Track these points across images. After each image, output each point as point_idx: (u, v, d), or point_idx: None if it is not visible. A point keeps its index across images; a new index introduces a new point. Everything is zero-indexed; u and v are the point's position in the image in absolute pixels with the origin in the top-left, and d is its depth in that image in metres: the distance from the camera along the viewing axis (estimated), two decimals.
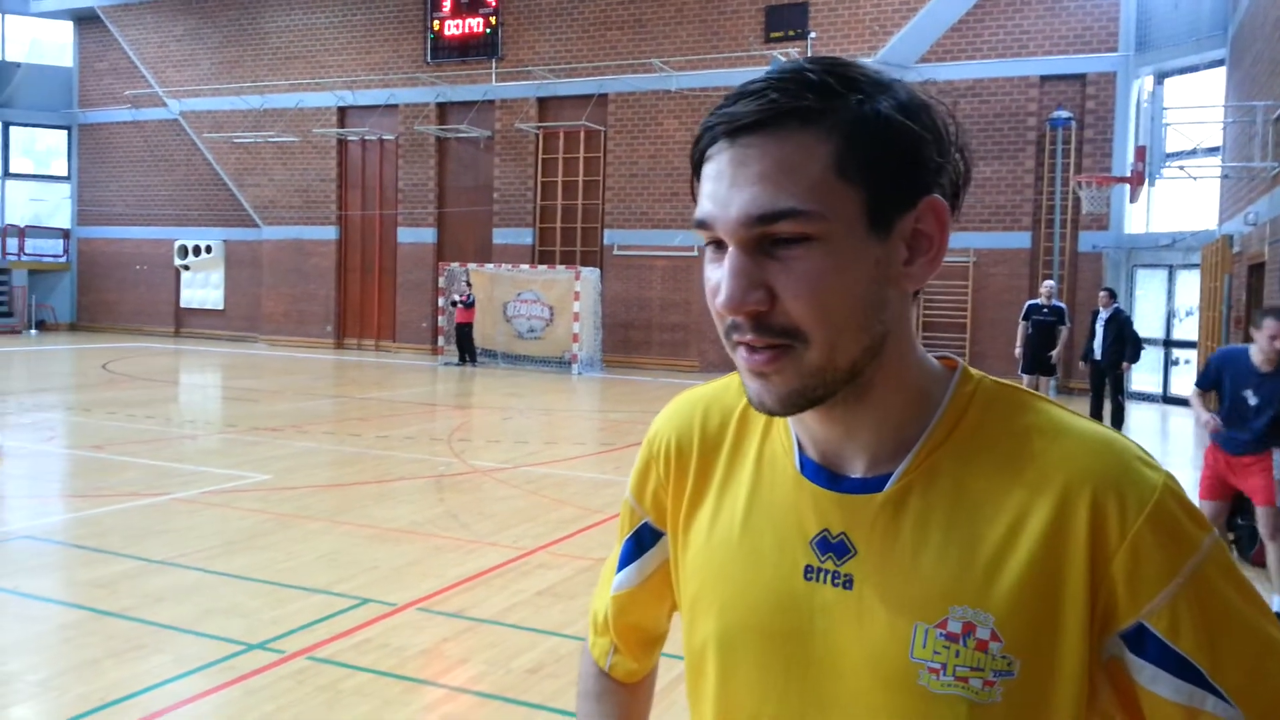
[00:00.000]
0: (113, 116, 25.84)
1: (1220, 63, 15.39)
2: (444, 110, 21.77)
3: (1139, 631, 0.79)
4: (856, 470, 0.87)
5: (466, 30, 21.32)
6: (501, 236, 21.26)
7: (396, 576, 5.44)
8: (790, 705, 0.87)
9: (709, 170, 0.81)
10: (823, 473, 0.88)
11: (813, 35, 18.24)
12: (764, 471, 0.93)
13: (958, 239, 17.66)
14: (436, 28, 21.59)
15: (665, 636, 1.15)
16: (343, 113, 22.84)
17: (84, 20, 26.04)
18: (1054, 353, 11.80)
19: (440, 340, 20.29)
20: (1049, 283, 12.44)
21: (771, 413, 0.82)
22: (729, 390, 1.01)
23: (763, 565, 0.90)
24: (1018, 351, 12.06)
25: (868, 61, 0.83)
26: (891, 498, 0.84)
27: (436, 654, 4.36)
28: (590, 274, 18.91)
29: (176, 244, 24.87)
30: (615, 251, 20.11)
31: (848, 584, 0.85)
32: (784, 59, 12.96)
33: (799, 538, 0.88)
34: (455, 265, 19.92)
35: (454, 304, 19.04)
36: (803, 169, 0.77)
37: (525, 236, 21.08)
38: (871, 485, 0.85)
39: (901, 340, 0.84)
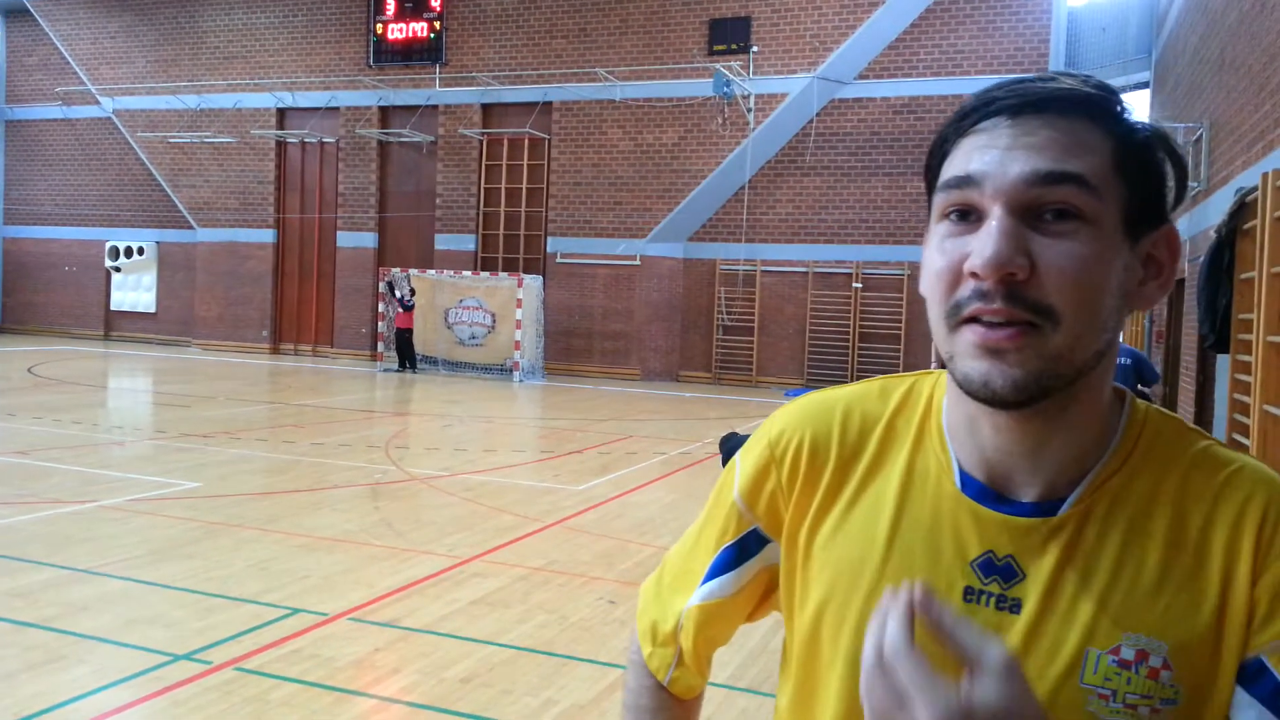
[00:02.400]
0: (42, 113, 25.13)
1: (1145, 85, 15.96)
2: (386, 114, 21.59)
3: (1258, 668, 0.78)
4: (1027, 494, 0.84)
5: (410, 34, 21.17)
6: (444, 242, 21.12)
7: (328, 586, 5.38)
8: None
9: (975, 141, 0.79)
10: (988, 493, 0.85)
11: (755, 49, 18.48)
12: (914, 487, 0.88)
13: (891, 253, 18.01)
14: (380, 31, 21.41)
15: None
16: (282, 114, 22.52)
17: (12, 13, 25.30)
18: None
19: (380, 346, 20.09)
20: None
21: (997, 397, 0.77)
22: (869, 397, 0.95)
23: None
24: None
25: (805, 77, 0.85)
26: (1067, 522, 0.82)
27: (368, 664, 4.33)
28: (533, 281, 18.89)
29: (107, 245, 24.26)
30: (558, 259, 20.11)
31: (1014, 608, 0.82)
32: (727, 72, 13.01)
33: (957, 558, 0.84)
34: (396, 271, 19.74)
35: (391, 290, 18.86)
36: (1087, 149, 0.77)
37: (468, 243, 20.97)
38: (1044, 510, 0.83)
39: (1112, 359, 0.83)
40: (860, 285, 18.36)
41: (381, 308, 19.83)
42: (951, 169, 0.80)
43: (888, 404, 0.94)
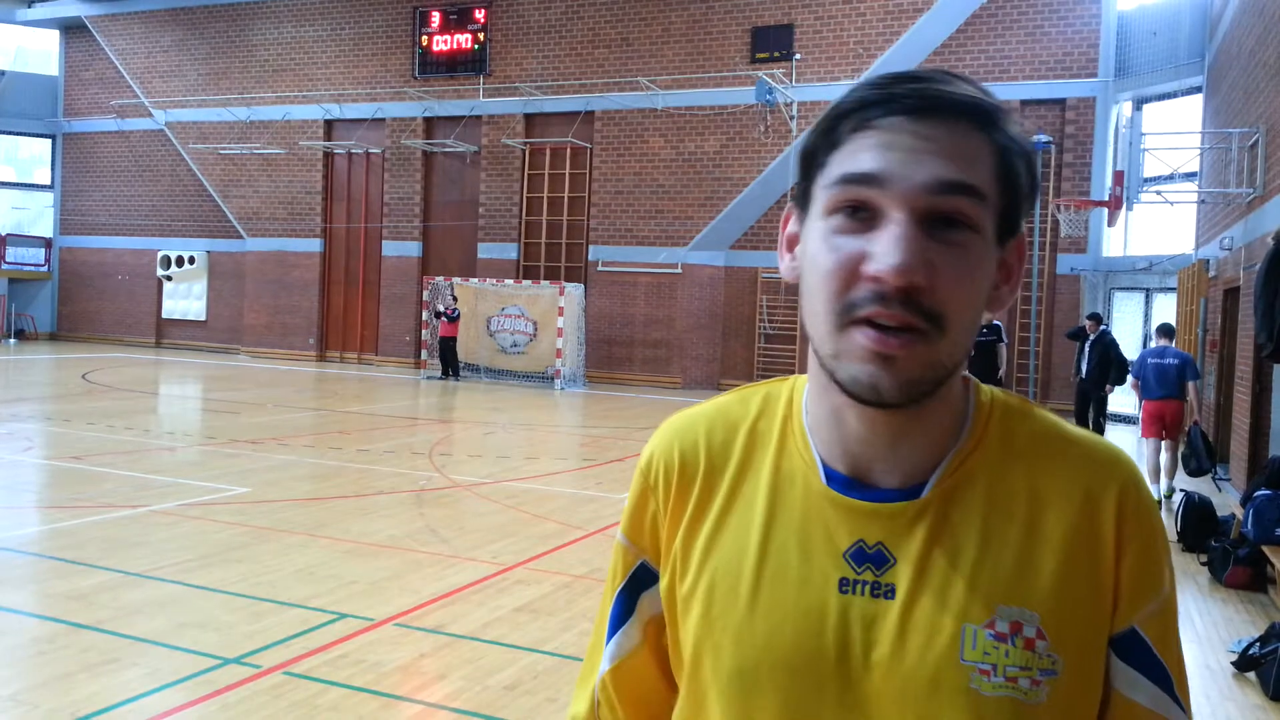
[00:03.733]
0: (98, 126, 25.77)
1: (1198, 89, 15.64)
2: (431, 125, 21.83)
3: (1130, 636, 0.84)
4: (889, 482, 0.85)
5: (455, 46, 21.41)
6: (486, 251, 21.28)
7: (374, 591, 5.43)
8: None
9: (874, 138, 0.79)
10: (852, 484, 0.86)
11: (798, 57, 18.41)
12: (782, 489, 0.89)
13: None
14: (425, 43, 21.68)
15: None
16: (329, 125, 22.86)
17: (71, 29, 25.99)
18: (1000, 374, 12.11)
19: (423, 354, 20.28)
20: None
21: (883, 400, 0.79)
22: (730, 406, 0.96)
23: (788, 584, 0.85)
24: None
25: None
26: (930, 504, 0.84)
27: (414, 670, 4.36)
28: (574, 290, 18.96)
29: (159, 254, 24.78)
30: (599, 268, 20.17)
31: (889, 593, 0.83)
32: (769, 80, 12.97)
33: (829, 552, 0.85)
34: (440, 279, 19.93)
35: (438, 315, 19.03)
36: (978, 161, 0.79)
37: (510, 251, 21.11)
38: (907, 494, 0.85)
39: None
40: None
41: (425, 316, 20.04)
42: (849, 164, 0.79)
43: (748, 410, 0.95)
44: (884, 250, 0.76)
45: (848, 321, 0.78)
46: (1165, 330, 9.84)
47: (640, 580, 0.97)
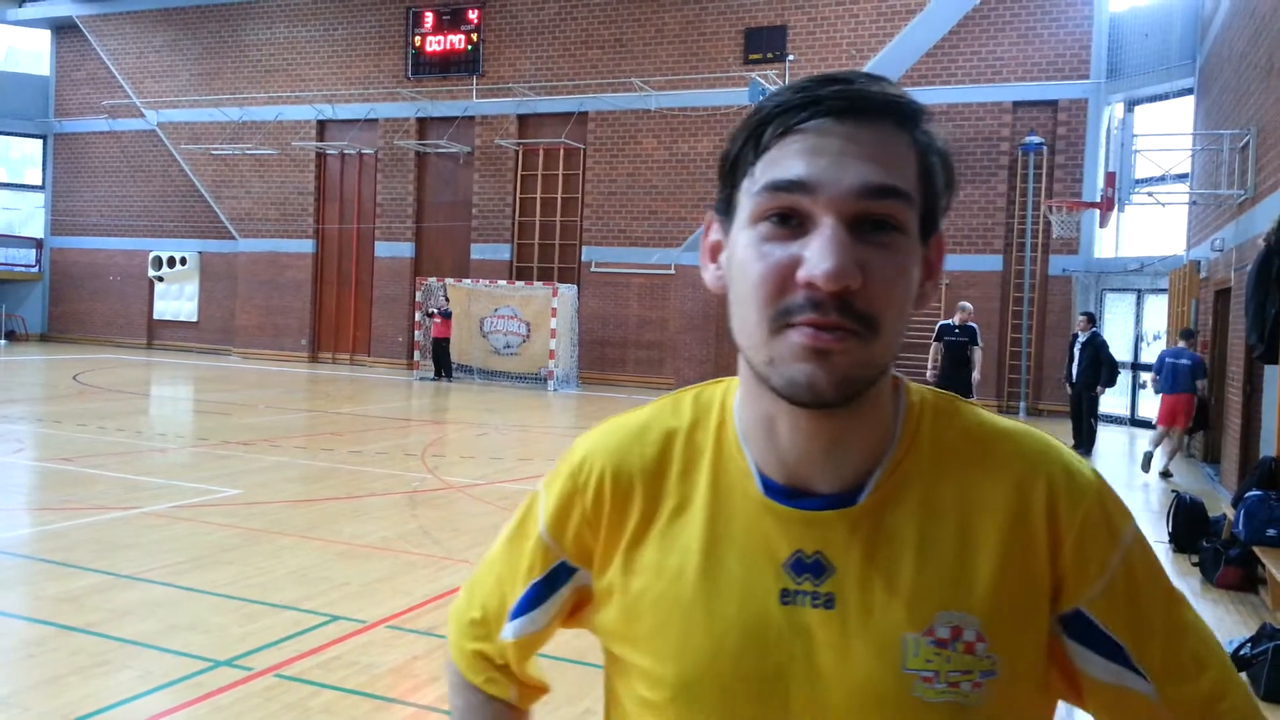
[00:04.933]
0: (89, 126, 25.67)
1: (1189, 91, 15.69)
2: (424, 125, 21.80)
3: (1076, 616, 0.84)
4: (825, 488, 0.85)
5: (448, 46, 21.39)
6: (479, 252, 21.27)
7: (367, 593, 5.42)
8: None
9: (800, 143, 0.78)
10: (789, 492, 0.86)
11: (791, 58, 18.43)
12: (721, 500, 0.88)
13: None
14: (418, 43, 21.65)
15: None
16: (322, 126, 22.82)
17: (62, 29, 25.90)
18: (975, 376, 12.07)
19: (416, 355, 20.25)
20: (965, 303, 12.64)
21: (821, 398, 0.78)
22: (665, 413, 0.95)
23: (729, 596, 0.85)
24: (930, 375, 12.27)
25: None
26: (867, 511, 0.84)
27: (406, 672, 4.35)
28: (567, 291, 18.95)
29: (151, 255, 24.70)
30: (593, 269, 20.16)
31: (829, 603, 0.83)
32: (763, 81, 12.98)
33: (769, 562, 0.85)
34: (433, 280, 19.91)
35: (430, 314, 19.01)
36: (903, 162, 0.80)
37: (503, 252, 21.10)
38: (844, 501, 0.84)
39: None
40: None
41: (418, 316, 20.01)
42: (777, 171, 0.79)
43: (682, 418, 0.93)
44: (816, 256, 0.76)
45: (782, 327, 0.78)
46: (1185, 334, 11.41)
47: (557, 577, 0.98)
